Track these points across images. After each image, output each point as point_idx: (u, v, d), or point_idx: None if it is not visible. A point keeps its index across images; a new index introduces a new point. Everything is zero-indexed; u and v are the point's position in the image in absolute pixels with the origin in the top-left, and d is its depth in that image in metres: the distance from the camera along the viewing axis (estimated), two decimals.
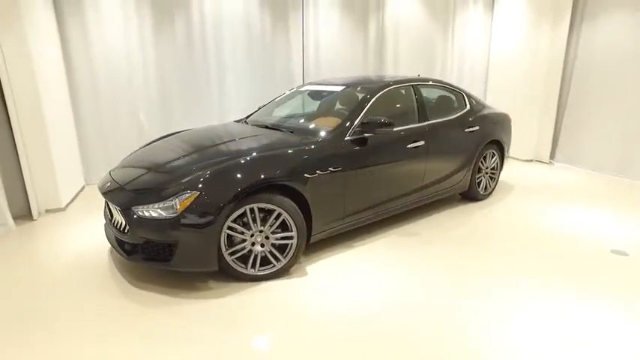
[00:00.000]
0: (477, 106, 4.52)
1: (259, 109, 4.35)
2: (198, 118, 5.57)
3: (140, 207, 2.63)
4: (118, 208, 2.73)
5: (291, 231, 2.90)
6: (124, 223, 2.72)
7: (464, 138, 4.23)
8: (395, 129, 3.60)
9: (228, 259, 2.78)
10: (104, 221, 3.21)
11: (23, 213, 4.06)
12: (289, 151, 3.00)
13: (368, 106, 3.49)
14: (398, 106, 3.91)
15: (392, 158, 3.56)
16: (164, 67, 5.36)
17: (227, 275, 2.87)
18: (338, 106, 3.87)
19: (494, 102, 6.96)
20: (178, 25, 5.31)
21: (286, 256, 2.93)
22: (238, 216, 2.73)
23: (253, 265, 2.86)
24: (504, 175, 5.61)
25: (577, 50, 6.14)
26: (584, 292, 2.82)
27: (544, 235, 3.77)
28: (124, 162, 3.35)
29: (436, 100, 4.34)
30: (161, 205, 2.59)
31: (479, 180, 4.56)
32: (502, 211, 4.42)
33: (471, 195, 4.58)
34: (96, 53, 4.94)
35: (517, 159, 6.84)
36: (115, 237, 2.90)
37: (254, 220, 2.78)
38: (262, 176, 2.73)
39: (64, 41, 4.77)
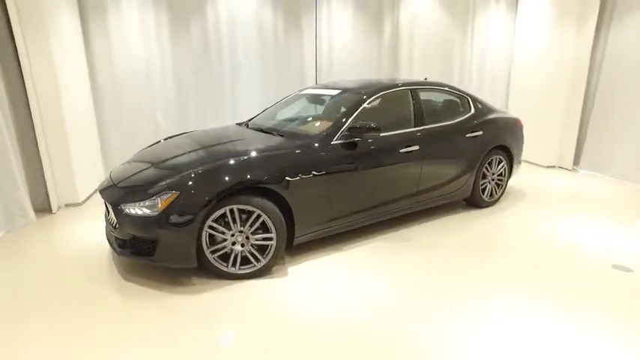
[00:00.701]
0: (482, 111, 4.41)
1: (263, 111, 4.47)
2: (213, 119, 5.78)
3: (127, 205, 2.81)
4: (108, 205, 2.93)
5: (271, 232, 2.98)
6: (115, 219, 2.91)
7: (465, 143, 4.13)
8: (387, 133, 3.60)
9: (210, 257, 2.90)
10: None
11: (44, 207, 4.41)
12: (271, 155, 3.09)
13: (358, 111, 3.51)
14: (392, 110, 3.89)
15: (383, 163, 3.55)
16: (180, 70, 5.61)
17: (210, 273, 3.00)
18: (332, 110, 3.91)
19: (517, 105, 6.74)
20: (194, 29, 5.55)
21: (266, 256, 3.02)
22: (220, 216, 2.85)
23: (234, 264, 2.97)
24: (519, 182, 5.44)
25: (604, 51, 5.80)
26: (569, 309, 2.70)
27: (543, 246, 3.62)
28: (124, 162, 3.56)
29: (437, 104, 4.28)
30: (145, 203, 2.75)
31: (483, 186, 4.44)
32: (506, 219, 4.28)
33: (474, 201, 4.47)
34: (117, 56, 5.24)
35: (538, 165, 6.55)
36: (109, 232, 3.11)
37: (234, 221, 2.88)
38: (240, 179, 2.83)
39: (87, 45, 5.09)
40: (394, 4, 6.29)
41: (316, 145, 3.25)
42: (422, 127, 3.83)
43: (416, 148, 3.70)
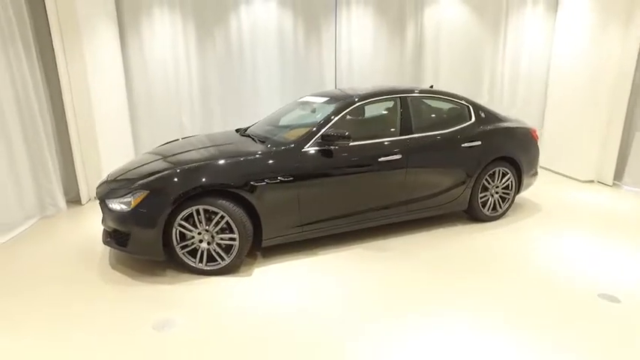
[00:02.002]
0: (484, 120, 4.20)
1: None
2: (234, 122, 6.12)
3: (109, 200, 3.16)
4: (98, 199, 3.31)
5: (234, 233, 3.16)
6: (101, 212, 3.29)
7: (459, 153, 3.97)
8: (364, 142, 3.61)
9: (179, 252, 3.15)
10: None
11: (76, 199, 5.03)
12: (240, 160, 3.26)
13: (335, 119, 3.56)
14: (376, 119, 3.87)
15: (359, 171, 3.56)
16: (205, 75, 6.03)
17: (182, 267, 3.25)
18: (316, 117, 3.99)
19: (554, 113, 6.27)
20: (218, 37, 5.93)
21: (230, 255, 3.20)
22: (190, 214, 3.08)
23: (201, 260, 3.19)
24: (545, 196, 5.11)
25: None
26: (523, 341, 2.53)
27: (532, 269, 3.36)
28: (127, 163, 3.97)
29: (432, 112, 4.16)
30: (122, 200, 3.08)
31: (484, 199, 4.22)
32: (505, 236, 4.02)
33: (474, 215, 4.26)
34: (149, 62, 5.76)
35: (574, 179, 6.00)
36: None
37: (200, 221, 3.11)
38: (203, 182, 3.04)
39: (124, 52, 5.67)
40: (417, 8, 6.17)
41: (287, 152, 3.37)
42: (407, 136, 3.77)
43: (398, 157, 3.65)
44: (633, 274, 3.26)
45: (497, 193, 4.29)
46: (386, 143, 3.69)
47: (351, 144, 3.56)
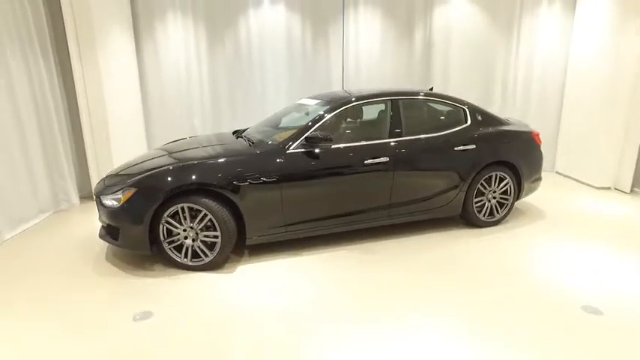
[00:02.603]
0: (481, 123, 4.11)
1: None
2: (243, 124, 6.26)
3: (103, 196, 3.35)
4: (94, 194, 3.52)
5: (217, 231, 3.26)
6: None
7: (452, 157, 3.91)
8: (350, 144, 3.65)
9: (166, 247, 3.30)
10: None
11: (90, 195, 5.33)
12: (225, 160, 3.37)
13: (322, 122, 3.61)
14: (365, 121, 3.88)
15: (344, 173, 3.59)
16: (216, 78, 6.22)
17: (169, 262, 3.40)
18: (306, 120, 4.02)
19: (570, 116, 6.03)
20: (228, 42, 6.10)
21: (213, 252, 3.31)
22: (177, 211, 3.22)
23: (186, 256, 3.33)
24: (554, 203, 4.99)
25: None
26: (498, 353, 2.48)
27: (519, 278, 3.27)
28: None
29: (424, 115, 4.12)
30: (113, 196, 3.26)
31: (480, 204, 4.12)
32: (498, 242, 3.92)
33: (469, 220, 4.18)
34: (163, 66, 6.01)
35: (589, 185, 5.73)
36: None
37: (184, 218, 3.24)
38: (186, 181, 3.17)
39: (139, 56, 5.94)
40: (426, 9, 6.11)
41: (271, 153, 3.45)
42: (395, 139, 3.76)
43: (384, 159, 3.65)
44: (625, 286, 3.10)
45: (494, 198, 4.19)
46: (373, 146, 3.69)
47: (337, 146, 3.60)
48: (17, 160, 4.25)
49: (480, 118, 4.13)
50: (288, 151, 3.46)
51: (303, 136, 3.49)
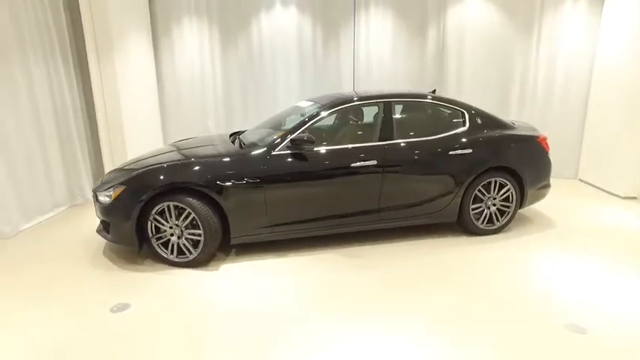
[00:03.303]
0: (481, 127, 3.95)
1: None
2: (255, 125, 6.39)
3: (99, 192, 3.53)
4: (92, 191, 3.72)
5: (200, 229, 3.35)
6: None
7: (446, 161, 3.79)
8: (338, 147, 3.63)
9: (154, 243, 3.43)
10: None
11: None
12: (210, 161, 3.45)
13: (309, 124, 3.61)
14: (354, 124, 3.83)
15: (330, 175, 3.57)
16: (229, 80, 6.36)
17: (158, 257, 3.53)
18: (298, 122, 4.03)
19: (595, 122, 5.69)
20: (241, 44, 6.23)
21: (197, 250, 3.40)
22: (164, 209, 3.35)
23: (172, 253, 3.44)
24: (569, 212, 4.75)
25: None
26: None
27: (504, 292, 3.11)
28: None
29: (419, 118, 4.01)
30: (105, 193, 3.43)
31: (478, 211, 3.96)
32: (493, 252, 3.74)
33: (466, 227, 4.02)
34: (179, 69, 6.22)
35: (613, 194, 5.34)
36: None
37: (170, 215, 3.35)
38: (169, 180, 3.27)
39: (157, 59, 6.19)
40: (440, 9, 5.94)
41: (256, 155, 3.49)
42: (385, 142, 3.68)
43: (373, 163, 3.59)
44: (619, 307, 2.87)
45: (494, 205, 4.01)
46: (360, 148, 3.64)
47: (323, 149, 3.59)
48: (35, 157, 4.57)
49: (479, 121, 3.97)
50: (273, 153, 3.49)
51: (288, 139, 3.51)
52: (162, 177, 3.31)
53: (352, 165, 3.58)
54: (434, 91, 4.54)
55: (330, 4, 6.07)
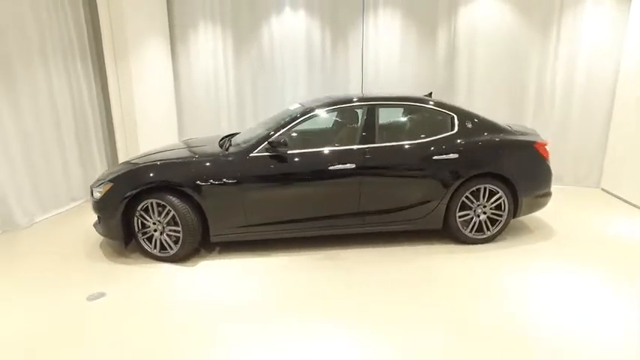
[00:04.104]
0: (470, 131, 3.80)
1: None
2: None
3: (94, 188, 3.78)
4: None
5: (179, 226, 3.50)
6: None
7: (430, 166, 3.69)
8: (315, 149, 3.66)
9: (140, 238, 3.63)
10: None
11: None
12: (192, 161, 3.60)
13: (288, 127, 3.66)
14: (335, 127, 3.83)
15: (307, 178, 3.60)
16: (241, 83, 6.53)
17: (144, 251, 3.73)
18: (276, 125, 4.02)
19: (620, 128, 5.29)
20: (253, 48, 6.38)
21: (177, 246, 3.55)
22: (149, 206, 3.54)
23: (155, 247, 3.62)
24: (578, 224, 4.45)
25: None
26: None
27: (472, 309, 2.98)
28: None
29: (403, 121, 3.93)
30: (98, 189, 3.67)
31: (466, 218, 3.82)
32: (478, 263, 3.59)
33: (453, 235, 3.89)
34: (195, 72, 6.49)
35: (637, 207, 4.92)
36: None
37: (153, 212, 3.53)
38: (151, 179, 3.45)
39: (174, 62, 6.47)
40: (451, 9, 5.76)
41: (235, 156, 3.60)
42: (365, 146, 3.65)
43: (350, 166, 3.58)
44: (598, 333, 2.66)
45: (484, 213, 3.84)
46: (339, 151, 3.64)
47: (301, 151, 3.63)
48: (54, 154, 4.97)
49: (469, 125, 3.82)
50: (251, 155, 3.58)
51: (266, 141, 3.58)
52: (144, 176, 3.50)
53: (329, 168, 3.58)
54: (430, 94, 4.42)
55: (338, 6, 6.07)
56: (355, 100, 3.85)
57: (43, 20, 4.71)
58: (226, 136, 4.54)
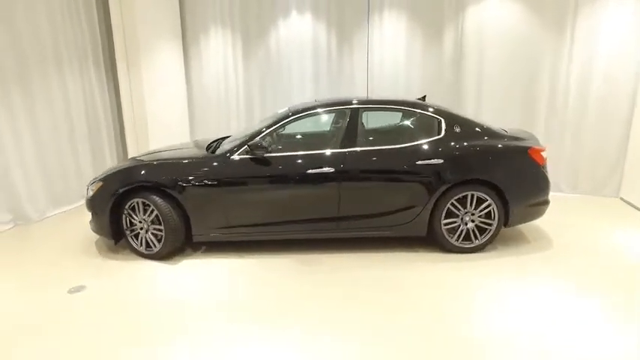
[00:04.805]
0: (458, 135, 3.66)
1: None
2: None
3: (89, 186, 3.98)
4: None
5: (161, 225, 3.61)
6: None
7: (412, 171, 3.59)
8: (296, 153, 3.67)
9: (128, 235, 3.79)
10: None
11: None
12: (176, 162, 3.71)
13: (269, 130, 3.69)
14: (317, 130, 3.81)
15: (286, 181, 3.61)
16: (250, 85, 6.64)
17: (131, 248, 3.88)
18: (257, 129, 4.02)
19: None
20: (260, 52, 6.47)
21: (160, 244, 3.67)
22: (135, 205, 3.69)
23: (141, 245, 3.76)
24: (586, 235, 4.19)
25: None
26: None
27: (435, 328, 2.88)
28: None
29: (388, 126, 3.85)
30: (91, 187, 3.86)
31: (452, 226, 3.68)
32: (458, 274, 3.44)
33: (438, 243, 3.76)
34: (206, 75, 6.67)
35: None
36: None
37: (139, 211, 3.67)
38: (135, 179, 3.58)
39: (187, 65, 6.68)
40: (458, 10, 5.58)
41: (216, 158, 3.67)
42: (345, 150, 3.61)
43: (329, 170, 3.55)
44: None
45: (472, 221, 3.69)
46: (318, 155, 3.62)
47: (281, 155, 3.65)
48: (67, 153, 5.28)
49: (457, 130, 3.69)
50: (231, 157, 3.63)
51: (246, 144, 3.62)
52: (130, 176, 3.64)
53: (308, 172, 3.57)
54: (423, 98, 4.31)
55: (344, 8, 6.05)
56: (338, 103, 3.82)
57: (57, 25, 5.02)
58: (220, 138, 4.64)
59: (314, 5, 6.10)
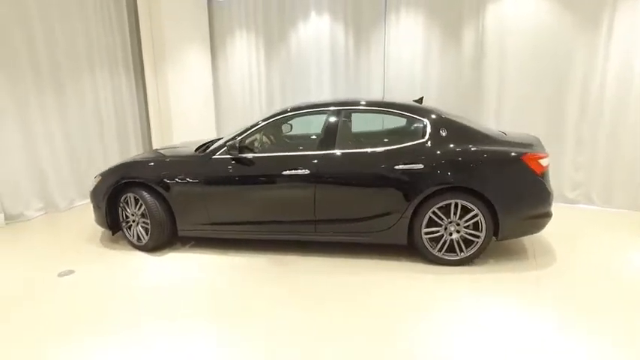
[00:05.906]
0: (444, 139, 3.43)
1: None
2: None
3: (94, 179, 4.32)
4: None
5: (148, 219, 3.81)
6: None
7: (390, 176, 3.43)
8: (271, 154, 3.73)
9: (123, 227, 4.06)
10: None
11: None
12: (164, 161, 3.90)
13: (251, 130, 3.74)
14: (297, 132, 3.77)
15: (262, 181, 3.64)
16: (272, 86, 6.78)
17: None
18: (238, 130, 4.04)
19: None
20: (282, 53, 6.57)
21: (147, 236, 3.88)
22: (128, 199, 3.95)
23: (134, 237, 4.00)
24: (599, 252, 3.79)
25: None
26: None
27: (398, 342, 2.72)
28: None
29: (369, 128, 3.71)
30: (94, 181, 4.19)
31: (434, 236, 3.46)
32: (434, 290, 3.22)
33: (421, 253, 3.55)
34: (231, 77, 6.94)
35: None
36: None
37: (131, 205, 3.91)
38: (130, 176, 3.82)
39: (214, 68, 7.00)
40: (479, 6, 5.21)
41: (200, 157, 3.80)
42: (322, 152, 3.54)
43: (305, 172, 3.51)
44: None
45: (457, 232, 3.43)
46: (294, 157, 3.60)
47: (257, 155, 3.69)
48: (96, 149, 5.78)
49: (443, 133, 3.45)
50: (214, 157, 3.74)
51: (226, 145, 3.70)
52: (121, 173, 3.90)
53: (283, 173, 3.56)
54: (420, 99, 4.09)
55: (361, 8, 5.94)
56: (321, 105, 3.77)
57: (91, 32, 5.52)
58: (218, 139, 4.79)
59: (331, 6, 6.07)
